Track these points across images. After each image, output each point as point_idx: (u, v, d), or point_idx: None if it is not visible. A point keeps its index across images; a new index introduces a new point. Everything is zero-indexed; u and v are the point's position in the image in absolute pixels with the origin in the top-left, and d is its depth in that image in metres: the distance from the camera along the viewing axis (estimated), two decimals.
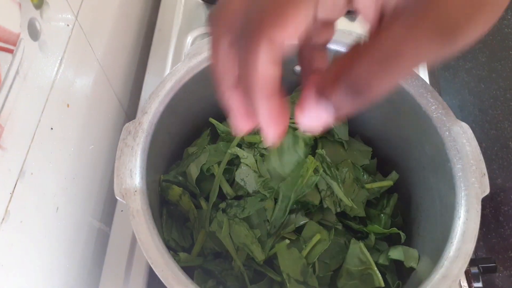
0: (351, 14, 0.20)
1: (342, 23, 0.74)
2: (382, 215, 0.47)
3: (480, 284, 0.59)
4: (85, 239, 0.56)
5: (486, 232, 0.79)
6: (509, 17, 0.88)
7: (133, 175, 0.38)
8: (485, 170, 0.40)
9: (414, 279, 0.41)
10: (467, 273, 0.60)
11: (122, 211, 0.61)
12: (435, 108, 0.43)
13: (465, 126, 0.42)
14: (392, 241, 0.48)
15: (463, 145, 0.41)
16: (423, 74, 0.78)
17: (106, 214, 0.63)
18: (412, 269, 0.43)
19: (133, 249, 0.59)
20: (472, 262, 0.60)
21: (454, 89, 0.95)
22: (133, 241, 0.59)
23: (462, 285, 0.59)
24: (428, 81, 0.77)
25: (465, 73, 0.95)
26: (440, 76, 0.97)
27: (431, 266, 0.38)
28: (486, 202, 0.81)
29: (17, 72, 0.39)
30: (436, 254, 0.38)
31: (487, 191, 0.39)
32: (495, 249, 0.77)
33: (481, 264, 0.59)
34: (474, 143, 0.41)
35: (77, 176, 0.53)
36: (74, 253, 0.53)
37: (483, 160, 0.40)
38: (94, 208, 0.59)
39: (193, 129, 0.51)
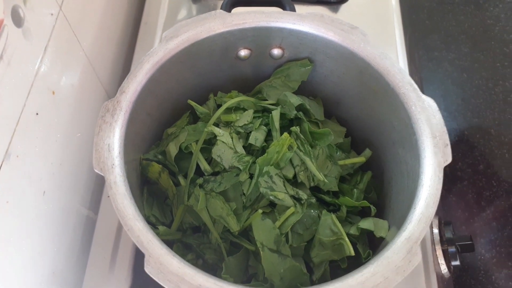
0: (332, 4, 0.22)
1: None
2: (355, 189, 0.49)
3: (457, 263, 0.60)
4: (73, 225, 0.57)
5: (469, 216, 0.80)
6: (492, 8, 0.90)
7: (111, 149, 0.40)
8: (448, 141, 0.42)
9: (383, 247, 0.42)
10: (445, 252, 0.61)
11: (108, 196, 0.62)
12: (402, 85, 0.45)
13: (430, 100, 0.44)
14: (367, 215, 0.50)
15: (428, 118, 0.43)
16: (403, 63, 0.79)
17: (94, 202, 0.64)
18: (382, 239, 0.44)
19: (119, 234, 0.60)
20: (450, 242, 0.62)
21: (437, 79, 0.96)
22: (120, 226, 0.61)
23: (440, 263, 0.61)
24: (407, 71, 0.79)
25: (448, 63, 0.96)
26: (423, 67, 0.99)
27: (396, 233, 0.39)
28: (469, 188, 0.82)
29: (0, 57, 0.41)
30: (401, 222, 0.40)
31: (449, 160, 0.41)
32: (477, 233, 0.78)
33: (458, 243, 0.61)
34: (438, 115, 0.43)
35: (64, 162, 0.54)
36: (62, 238, 0.54)
37: (446, 131, 0.42)
38: (82, 196, 0.61)
39: (173, 113, 0.53)
